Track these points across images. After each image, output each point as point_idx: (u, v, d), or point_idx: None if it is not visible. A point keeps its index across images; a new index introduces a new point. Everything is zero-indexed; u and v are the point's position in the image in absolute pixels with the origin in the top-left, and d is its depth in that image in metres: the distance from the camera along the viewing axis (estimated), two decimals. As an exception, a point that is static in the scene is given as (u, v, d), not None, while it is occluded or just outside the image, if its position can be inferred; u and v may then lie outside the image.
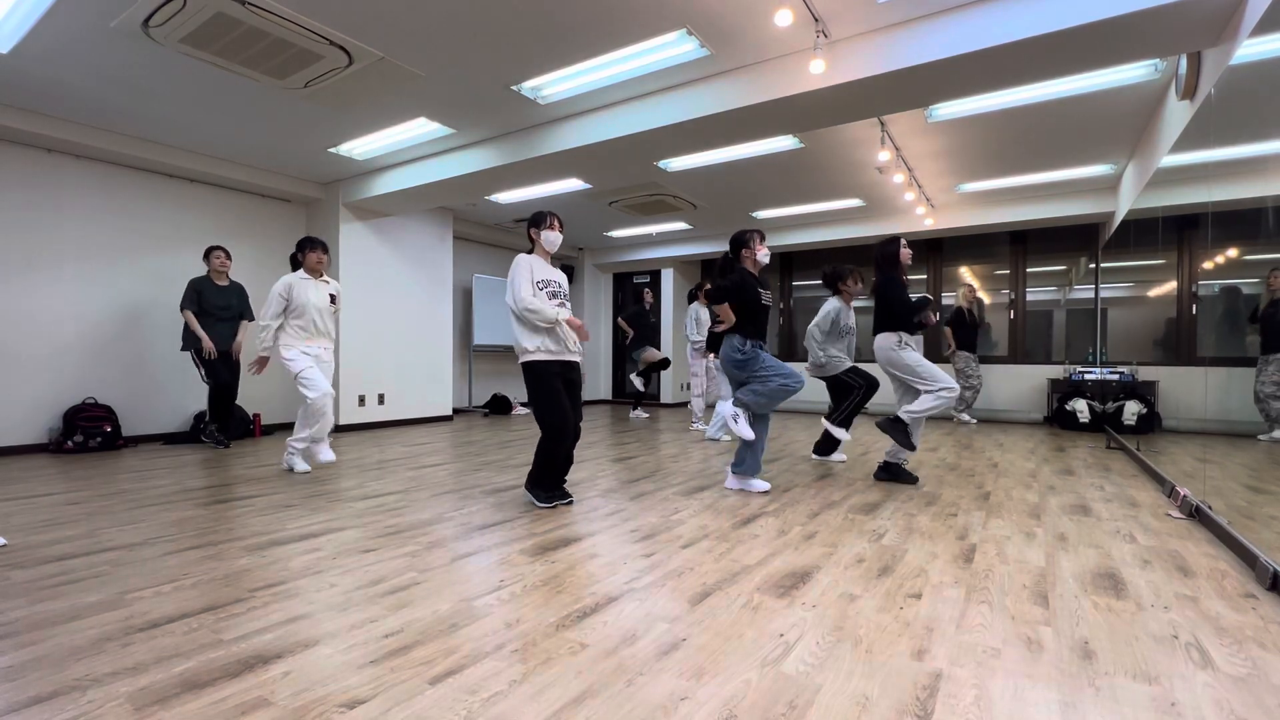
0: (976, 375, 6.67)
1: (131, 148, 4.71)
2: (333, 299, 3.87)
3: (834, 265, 4.29)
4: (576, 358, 3.02)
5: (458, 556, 2.21)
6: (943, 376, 3.32)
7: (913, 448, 3.36)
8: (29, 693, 1.30)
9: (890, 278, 3.47)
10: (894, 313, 3.42)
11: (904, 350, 3.40)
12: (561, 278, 3.03)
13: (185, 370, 5.24)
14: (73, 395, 4.71)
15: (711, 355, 5.74)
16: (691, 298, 6.12)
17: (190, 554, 2.24)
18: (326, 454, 3.79)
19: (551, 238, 2.99)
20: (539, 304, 2.84)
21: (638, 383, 6.99)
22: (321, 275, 3.84)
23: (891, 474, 3.53)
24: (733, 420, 3.21)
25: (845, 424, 4.12)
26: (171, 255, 5.27)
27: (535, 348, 2.87)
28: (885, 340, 3.45)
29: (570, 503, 3.01)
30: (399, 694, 1.30)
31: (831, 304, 4.15)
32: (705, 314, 5.81)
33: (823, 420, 4.20)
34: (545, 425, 2.89)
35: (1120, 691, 1.32)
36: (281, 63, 3.50)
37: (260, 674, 1.38)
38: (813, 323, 4.20)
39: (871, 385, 4.13)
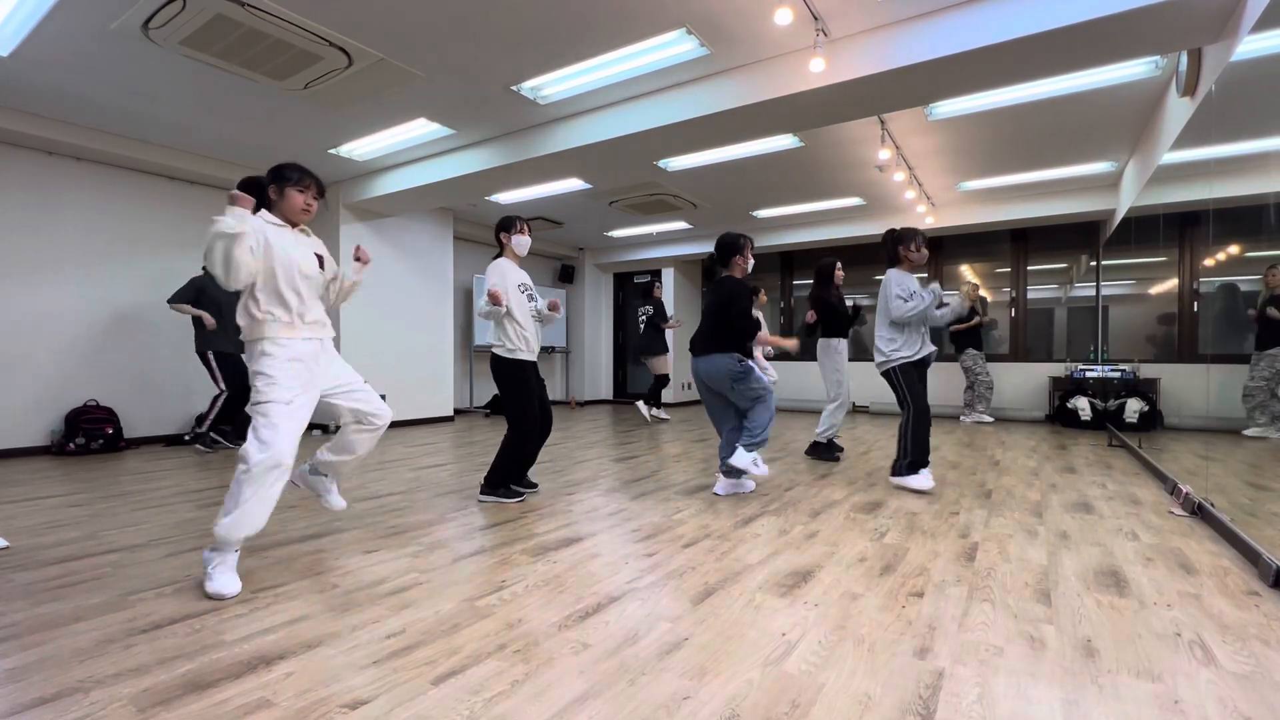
0: (985, 372, 6.62)
1: (132, 150, 4.71)
2: (321, 262, 2.21)
3: (891, 229, 3.47)
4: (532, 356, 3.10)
5: (459, 557, 2.21)
6: (840, 393, 4.21)
7: (836, 459, 4.15)
8: (32, 694, 1.31)
9: (827, 291, 4.27)
10: (833, 319, 4.23)
11: (837, 356, 4.25)
12: (527, 277, 3.20)
13: (186, 372, 5.24)
14: (74, 397, 4.72)
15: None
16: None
17: (192, 555, 2.24)
18: (334, 498, 2.42)
19: (522, 241, 3.10)
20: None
21: (653, 411, 6.93)
22: (300, 226, 2.23)
23: (820, 453, 4.22)
24: (754, 466, 3.00)
25: (914, 467, 3.25)
26: (172, 258, 5.27)
27: (514, 346, 3.00)
28: (824, 343, 4.27)
29: (536, 490, 3.24)
30: (401, 694, 1.30)
31: (892, 274, 3.34)
32: None
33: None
34: (519, 421, 3.01)
35: (1123, 689, 1.32)
36: (281, 64, 3.50)
37: (263, 675, 1.38)
38: (887, 303, 3.32)
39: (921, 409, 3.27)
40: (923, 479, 3.21)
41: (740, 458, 3.02)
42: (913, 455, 3.23)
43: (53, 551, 2.28)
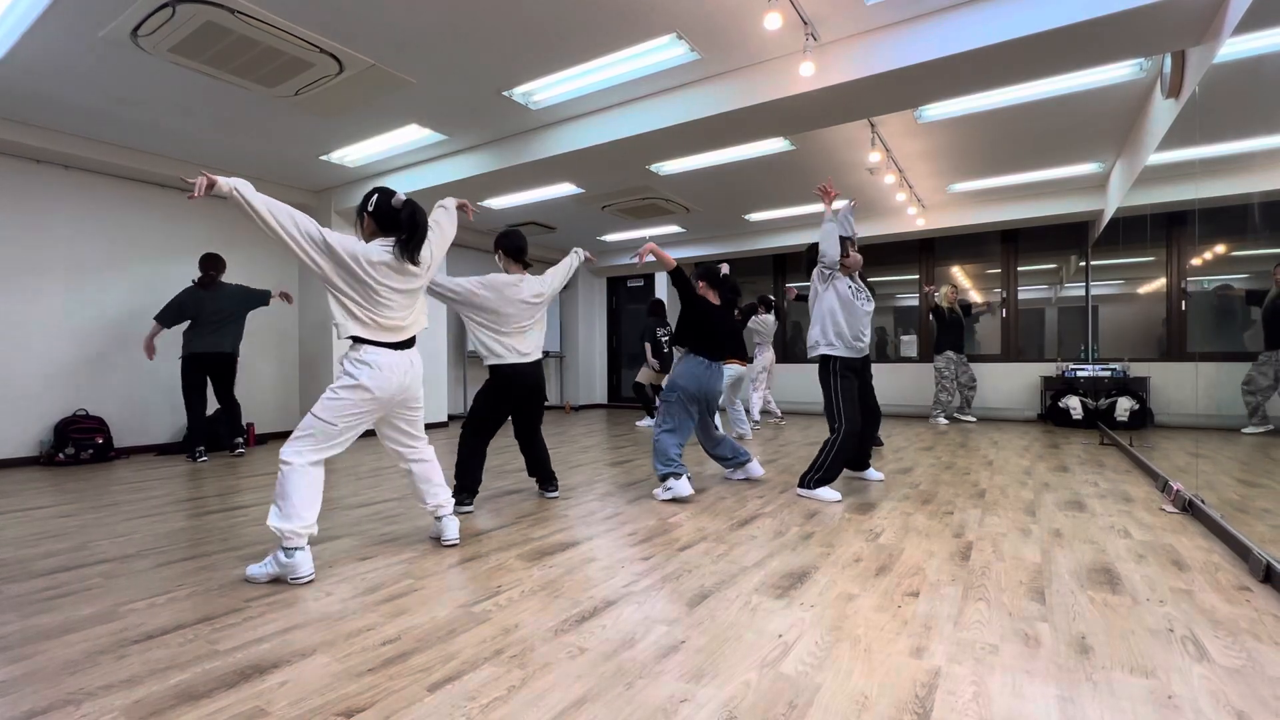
0: (948, 378, 6.61)
1: (121, 158, 4.69)
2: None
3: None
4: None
5: (454, 563, 2.20)
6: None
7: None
8: (23, 707, 1.29)
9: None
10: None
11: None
12: None
13: (177, 381, 5.20)
14: (64, 407, 4.67)
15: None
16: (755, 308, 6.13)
17: (184, 565, 2.22)
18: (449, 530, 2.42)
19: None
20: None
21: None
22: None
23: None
24: (662, 493, 3.14)
25: (823, 480, 3.10)
26: (163, 265, 5.24)
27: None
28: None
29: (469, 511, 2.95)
30: (397, 702, 1.29)
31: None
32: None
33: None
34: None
35: (1117, 685, 1.33)
36: (272, 71, 3.50)
37: (257, 684, 1.37)
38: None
39: (853, 424, 3.13)
40: (832, 493, 3.08)
41: (756, 467, 3.55)
42: (826, 473, 3.09)
43: (42, 563, 2.26)
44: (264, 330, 5.79)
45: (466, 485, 2.97)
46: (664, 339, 6.47)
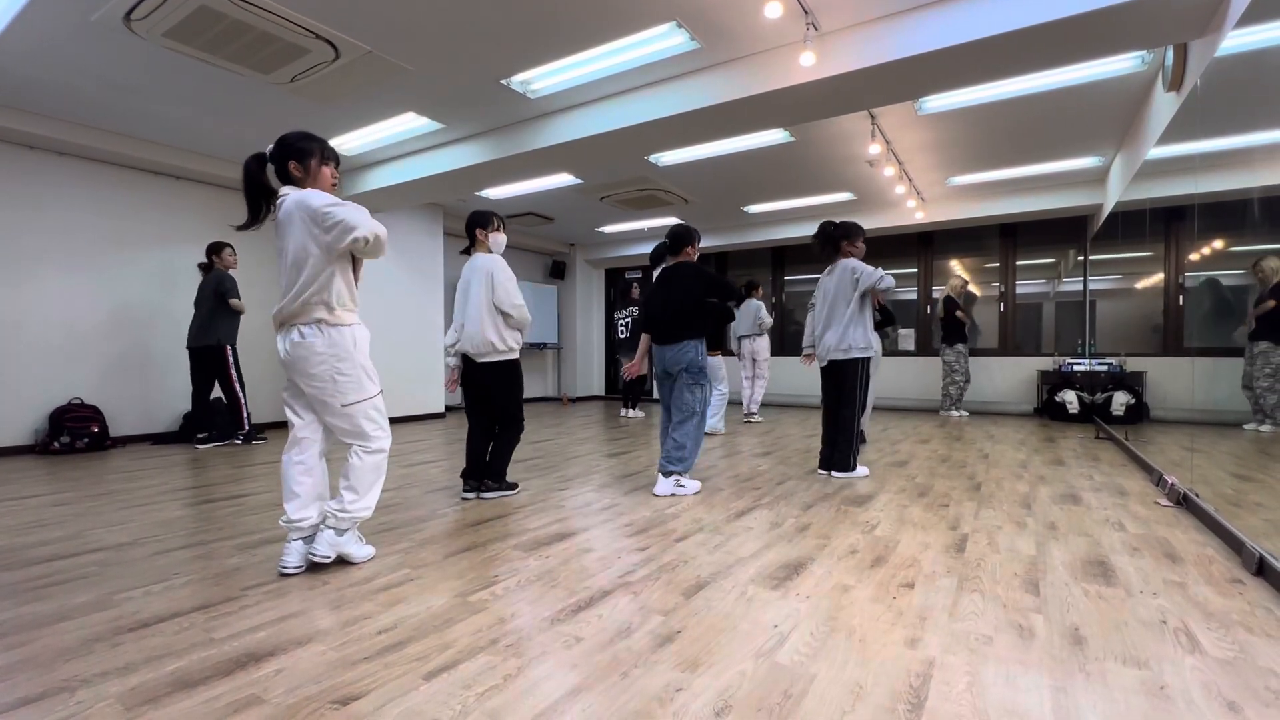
0: (958, 371, 6.63)
1: (115, 144, 4.64)
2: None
3: (829, 221, 3.65)
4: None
5: (451, 553, 2.21)
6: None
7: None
8: (17, 694, 1.29)
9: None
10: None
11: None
12: None
13: (174, 370, 5.19)
14: (59, 395, 4.65)
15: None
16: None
17: (180, 553, 2.22)
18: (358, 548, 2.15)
19: (500, 240, 3.06)
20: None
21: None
22: None
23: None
24: (679, 488, 3.06)
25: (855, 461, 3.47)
26: (158, 253, 5.20)
27: (516, 345, 3.01)
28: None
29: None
30: (393, 690, 1.29)
31: (847, 262, 3.51)
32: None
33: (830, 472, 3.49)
34: (521, 419, 3.08)
35: (1110, 676, 1.33)
36: (267, 57, 3.46)
37: (253, 672, 1.37)
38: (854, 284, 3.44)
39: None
40: (863, 469, 3.52)
41: (662, 485, 3.04)
42: (855, 448, 3.46)
43: (37, 551, 2.25)
44: (261, 318, 5.76)
45: (464, 471, 3.06)
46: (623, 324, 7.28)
